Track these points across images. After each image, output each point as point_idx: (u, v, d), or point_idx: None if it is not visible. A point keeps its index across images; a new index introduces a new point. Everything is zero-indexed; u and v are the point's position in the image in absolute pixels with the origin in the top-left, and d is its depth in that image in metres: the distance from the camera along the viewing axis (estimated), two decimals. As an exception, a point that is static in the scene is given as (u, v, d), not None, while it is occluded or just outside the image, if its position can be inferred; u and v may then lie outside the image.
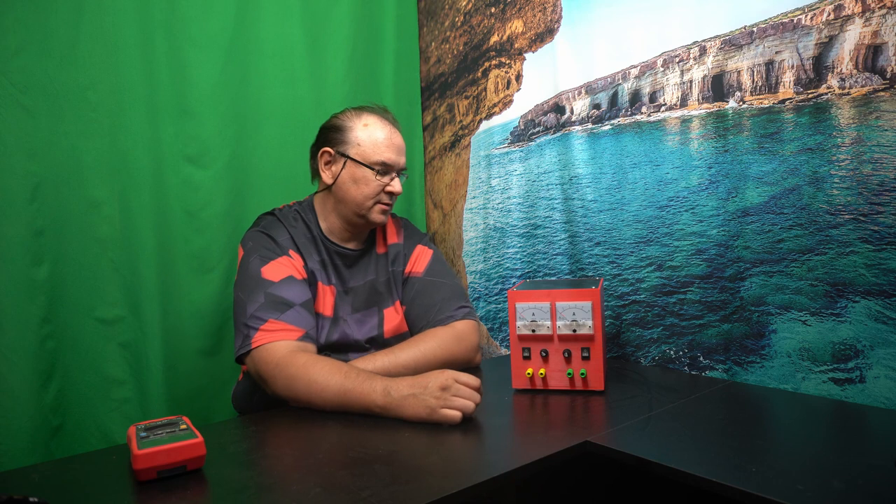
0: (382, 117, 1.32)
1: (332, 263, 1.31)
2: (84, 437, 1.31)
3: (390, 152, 1.28)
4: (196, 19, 1.45)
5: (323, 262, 1.30)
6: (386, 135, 1.29)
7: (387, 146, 1.28)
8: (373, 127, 1.29)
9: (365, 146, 1.27)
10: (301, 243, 1.28)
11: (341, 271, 1.32)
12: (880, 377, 0.99)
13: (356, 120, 1.30)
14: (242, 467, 0.87)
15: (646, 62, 1.34)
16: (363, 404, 1.02)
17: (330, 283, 1.30)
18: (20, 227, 1.22)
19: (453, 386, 0.98)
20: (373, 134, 1.28)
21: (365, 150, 1.27)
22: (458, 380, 0.99)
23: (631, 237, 1.37)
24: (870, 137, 1.01)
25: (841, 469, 0.76)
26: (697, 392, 1.11)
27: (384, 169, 1.28)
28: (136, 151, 1.36)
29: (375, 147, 1.27)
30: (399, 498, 0.72)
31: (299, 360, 1.09)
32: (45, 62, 1.26)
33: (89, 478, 0.85)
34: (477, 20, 1.75)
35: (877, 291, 1.00)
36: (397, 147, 1.30)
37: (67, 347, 1.29)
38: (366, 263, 1.36)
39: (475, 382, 1.00)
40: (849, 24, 1.03)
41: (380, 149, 1.27)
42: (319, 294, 1.26)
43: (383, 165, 1.27)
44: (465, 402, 0.97)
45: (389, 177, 1.29)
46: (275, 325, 1.13)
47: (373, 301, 1.34)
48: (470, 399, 0.98)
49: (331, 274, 1.31)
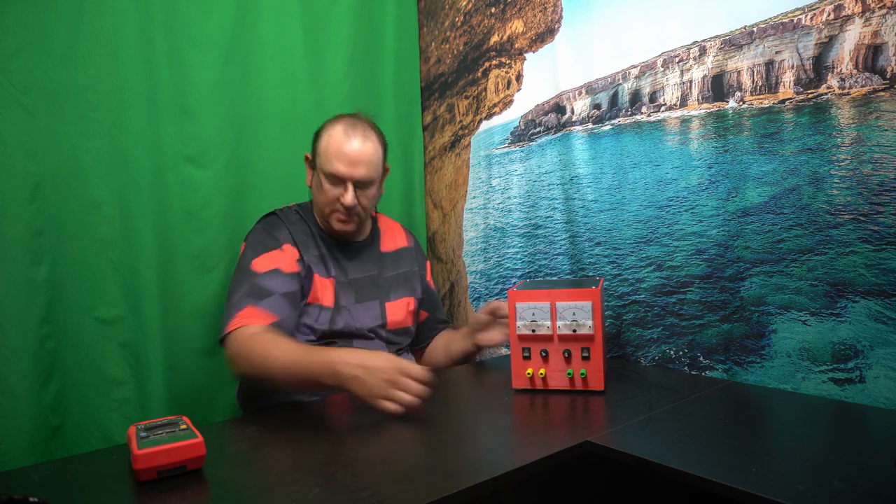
0: (350, 127, 1.32)
1: (332, 256, 1.37)
2: (84, 437, 1.31)
3: (340, 163, 1.29)
4: (196, 19, 1.45)
5: (321, 256, 1.35)
6: (342, 145, 1.29)
7: (338, 157, 1.29)
8: (334, 136, 1.31)
9: (322, 156, 1.32)
10: (299, 239, 1.34)
11: (342, 262, 1.38)
12: (880, 377, 0.99)
13: (328, 128, 1.34)
14: (242, 467, 0.87)
15: (646, 62, 1.34)
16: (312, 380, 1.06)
17: (329, 276, 1.34)
18: (20, 227, 1.22)
19: (401, 380, 0.99)
20: (330, 143, 1.30)
21: (321, 159, 1.32)
22: (407, 373, 1.00)
23: (631, 237, 1.37)
24: (870, 137, 1.01)
25: (841, 469, 0.76)
26: (697, 392, 1.12)
27: (334, 179, 1.30)
28: (136, 151, 1.36)
29: (328, 157, 1.30)
30: (399, 498, 0.72)
31: (263, 338, 1.14)
32: (45, 62, 1.25)
33: (89, 478, 0.85)
34: (477, 20, 1.75)
35: (877, 291, 1.00)
36: (351, 158, 1.29)
37: (67, 347, 1.29)
38: (368, 257, 1.42)
39: (423, 376, 1.00)
40: (849, 24, 1.03)
41: (330, 159, 1.29)
42: (318, 286, 1.31)
43: (332, 176, 1.30)
44: (408, 398, 0.99)
45: (342, 188, 1.30)
46: (250, 311, 1.20)
47: (374, 294, 1.39)
48: (415, 395, 0.99)
49: (330, 266, 1.36)
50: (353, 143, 1.30)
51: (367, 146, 1.32)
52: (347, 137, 1.30)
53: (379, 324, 1.37)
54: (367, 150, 1.32)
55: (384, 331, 1.38)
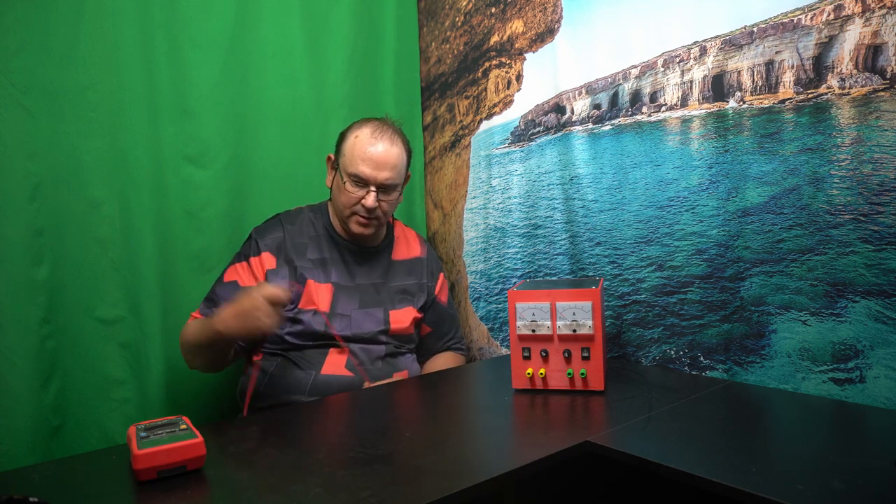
0: (377, 130, 1.33)
1: (341, 259, 1.37)
2: (84, 437, 1.31)
3: (365, 166, 1.29)
4: (196, 19, 1.45)
5: (323, 260, 1.35)
6: (368, 147, 1.30)
7: (363, 159, 1.29)
8: (360, 138, 1.31)
9: (346, 156, 1.32)
10: (294, 243, 1.35)
11: (351, 266, 1.38)
12: (880, 377, 0.99)
13: (354, 129, 1.34)
14: (242, 467, 0.87)
15: (646, 62, 1.34)
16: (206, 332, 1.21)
17: (328, 280, 1.34)
18: (20, 227, 1.22)
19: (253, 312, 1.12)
20: (356, 145, 1.31)
21: (345, 160, 1.32)
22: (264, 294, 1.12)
23: (631, 237, 1.37)
24: (870, 137, 1.01)
25: (841, 469, 0.75)
26: (697, 392, 1.11)
27: (358, 181, 1.30)
28: (136, 151, 1.36)
29: (353, 158, 1.30)
30: (399, 498, 0.72)
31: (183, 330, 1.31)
32: (45, 62, 1.26)
33: (89, 478, 0.85)
34: (477, 20, 1.75)
35: (877, 291, 1.00)
36: (376, 162, 1.30)
37: (67, 347, 1.29)
38: (378, 263, 1.42)
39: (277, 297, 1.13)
40: (849, 24, 1.03)
41: (355, 161, 1.30)
42: (311, 291, 1.32)
43: (356, 178, 1.30)
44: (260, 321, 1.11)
45: (365, 190, 1.30)
46: (196, 315, 1.33)
47: (378, 300, 1.39)
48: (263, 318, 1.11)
49: (332, 270, 1.35)
50: (379, 146, 1.30)
51: (394, 150, 1.32)
52: (374, 140, 1.31)
53: (381, 329, 1.37)
54: (394, 154, 1.32)
55: (385, 336, 1.37)
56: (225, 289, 1.32)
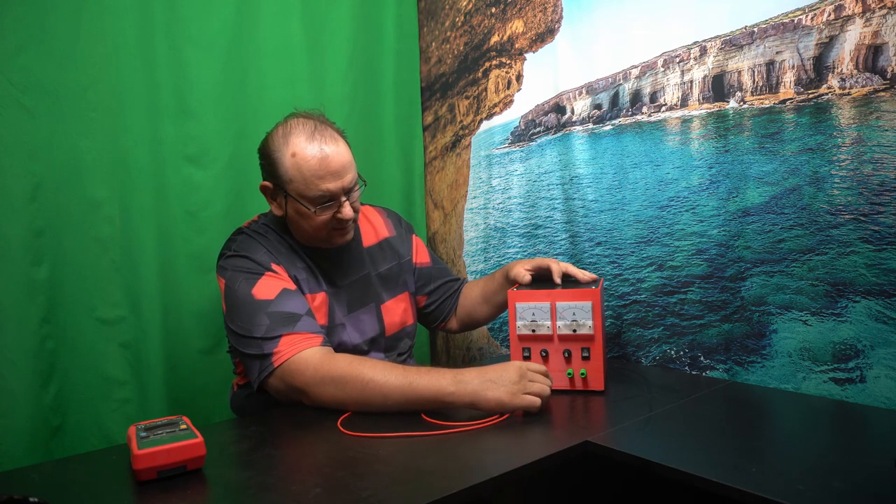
0: (312, 136, 1.13)
1: (317, 266, 1.24)
2: (84, 437, 1.31)
3: (327, 182, 1.11)
4: (196, 19, 1.45)
5: (308, 268, 1.23)
6: (317, 163, 1.11)
7: (321, 176, 1.11)
8: (301, 156, 1.11)
9: (297, 182, 1.12)
10: (281, 254, 1.20)
11: (328, 272, 1.25)
12: (881, 377, 0.99)
13: (284, 149, 1.13)
14: (242, 467, 0.87)
15: (646, 62, 1.34)
16: (432, 393, 0.99)
17: (320, 290, 1.22)
18: (20, 227, 1.22)
19: (528, 374, 1.02)
20: (302, 166, 1.11)
21: (298, 186, 1.12)
22: (530, 368, 1.03)
23: (632, 237, 1.37)
24: (870, 137, 1.01)
25: (841, 469, 0.75)
26: (698, 392, 1.11)
27: (325, 200, 1.13)
28: (136, 151, 1.36)
29: (308, 182, 1.11)
30: (399, 498, 0.72)
31: (341, 361, 1.04)
32: (45, 62, 1.26)
33: (89, 478, 0.85)
34: (477, 20, 1.75)
35: (877, 291, 1.00)
36: (334, 170, 1.12)
37: (67, 347, 1.29)
38: (354, 258, 1.30)
39: (544, 369, 1.05)
40: (849, 24, 1.03)
41: (313, 181, 1.11)
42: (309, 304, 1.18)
43: (322, 198, 1.13)
44: (542, 387, 1.01)
45: (337, 203, 1.14)
46: (292, 339, 1.06)
47: (368, 298, 1.29)
48: (544, 384, 1.02)
49: (318, 279, 1.23)
50: (326, 150, 1.12)
51: (340, 146, 1.15)
52: (318, 148, 1.12)
53: (377, 332, 1.29)
54: (343, 151, 1.15)
55: (383, 339, 1.30)
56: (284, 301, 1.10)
